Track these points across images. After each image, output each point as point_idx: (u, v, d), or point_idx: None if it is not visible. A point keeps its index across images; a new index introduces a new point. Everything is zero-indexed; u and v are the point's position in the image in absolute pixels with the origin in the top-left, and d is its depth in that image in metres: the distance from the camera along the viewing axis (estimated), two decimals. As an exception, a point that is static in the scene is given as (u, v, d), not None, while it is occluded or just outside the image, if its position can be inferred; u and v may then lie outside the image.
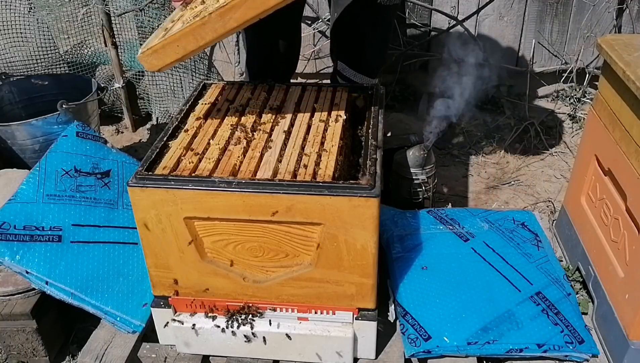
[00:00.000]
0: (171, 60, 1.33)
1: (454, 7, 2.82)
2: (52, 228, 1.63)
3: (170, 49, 1.31)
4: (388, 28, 1.96)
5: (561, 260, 1.90)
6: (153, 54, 1.33)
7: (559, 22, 2.86)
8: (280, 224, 1.35)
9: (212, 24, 1.25)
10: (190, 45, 1.29)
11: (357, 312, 1.47)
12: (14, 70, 2.56)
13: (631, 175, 1.48)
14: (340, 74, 2.02)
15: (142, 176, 1.34)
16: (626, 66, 1.46)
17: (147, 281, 1.52)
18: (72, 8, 2.69)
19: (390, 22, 1.97)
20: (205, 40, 1.28)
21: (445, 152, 2.69)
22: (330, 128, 1.53)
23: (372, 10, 1.84)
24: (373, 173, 1.33)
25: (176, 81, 2.82)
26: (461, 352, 1.52)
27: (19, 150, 2.12)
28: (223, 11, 1.23)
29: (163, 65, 1.35)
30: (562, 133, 2.81)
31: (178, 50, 1.30)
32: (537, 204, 2.33)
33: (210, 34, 1.27)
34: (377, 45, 1.96)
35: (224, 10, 1.23)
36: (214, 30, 1.26)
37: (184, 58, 1.33)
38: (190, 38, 1.28)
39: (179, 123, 1.57)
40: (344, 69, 2.00)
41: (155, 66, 1.36)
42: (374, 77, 2.02)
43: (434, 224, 1.87)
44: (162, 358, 1.59)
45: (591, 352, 1.53)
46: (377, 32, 1.91)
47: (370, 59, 1.98)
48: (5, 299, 1.64)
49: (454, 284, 1.65)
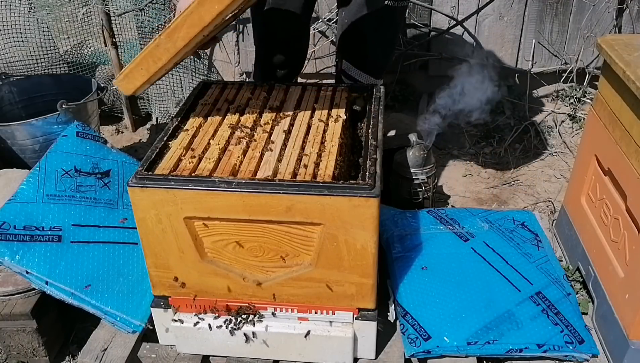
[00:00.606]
0: (140, 82, 1.40)
1: (454, 7, 2.82)
2: (52, 228, 1.63)
3: (136, 72, 1.39)
4: (395, 29, 1.96)
5: (561, 260, 1.90)
6: (124, 79, 1.42)
7: (559, 22, 2.86)
8: (280, 224, 1.35)
9: (163, 45, 1.33)
10: (151, 67, 1.37)
11: (357, 312, 1.47)
12: (14, 70, 2.56)
13: (631, 175, 1.48)
14: (345, 73, 2.02)
15: (142, 176, 1.34)
16: (626, 66, 1.46)
17: (147, 281, 1.52)
18: (72, 8, 2.69)
19: (398, 23, 1.96)
20: (162, 61, 1.35)
21: (445, 152, 2.69)
22: (330, 128, 1.53)
23: (379, 11, 1.84)
24: (373, 173, 1.33)
25: (176, 81, 2.82)
26: (461, 352, 1.52)
27: (19, 150, 2.12)
28: (169, 32, 1.32)
29: (135, 88, 1.42)
30: (562, 133, 2.81)
31: (143, 72, 1.38)
32: (537, 204, 2.33)
33: (164, 54, 1.34)
34: (383, 46, 1.95)
35: (170, 31, 1.31)
36: (166, 51, 1.33)
37: (152, 79, 1.41)
38: (150, 60, 1.36)
39: (179, 123, 1.57)
40: (348, 68, 2.00)
41: (129, 90, 1.43)
42: (379, 77, 2.02)
43: (434, 224, 1.87)
44: (162, 358, 1.59)
45: (591, 352, 1.53)
46: (384, 33, 1.91)
47: (376, 60, 1.98)
48: (5, 299, 1.64)
49: (454, 284, 1.65)
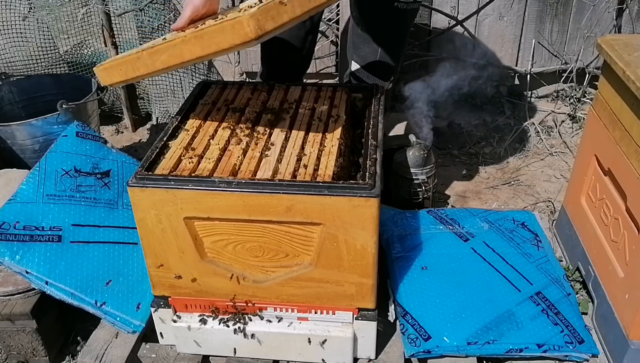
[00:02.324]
0: (117, 80, 1.43)
1: (454, 7, 2.82)
2: (52, 228, 1.63)
3: (116, 70, 1.42)
4: (404, 32, 1.94)
5: (561, 260, 1.90)
6: (104, 71, 1.45)
7: (559, 22, 2.86)
8: (280, 224, 1.35)
9: (143, 60, 1.36)
10: (129, 72, 1.39)
11: (357, 312, 1.47)
12: (14, 70, 2.56)
13: (631, 175, 1.48)
14: (354, 75, 2.02)
15: (142, 176, 1.34)
16: (626, 66, 1.46)
17: (147, 281, 1.52)
18: (72, 8, 2.69)
19: (407, 25, 1.94)
20: (140, 72, 1.38)
21: (445, 152, 2.69)
22: (330, 128, 1.53)
23: (389, 12, 1.83)
24: (373, 173, 1.33)
25: (176, 81, 2.82)
26: (461, 352, 1.52)
27: (19, 150, 2.12)
28: (152, 52, 1.33)
29: (110, 82, 1.45)
30: (562, 133, 2.81)
31: (121, 73, 1.41)
32: (537, 204, 2.33)
33: (142, 68, 1.37)
34: (393, 48, 1.93)
35: (152, 51, 1.33)
36: (145, 66, 1.36)
37: (130, 81, 1.45)
38: (129, 66, 1.39)
39: (179, 123, 1.57)
40: (358, 70, 1.99)
41: (105, 81, 1.46)
42: (388, 80, 2.00)
43: (434, 224, 1.87)
44: (162, 358, 1.59)
45: (591, 351, 1.53)
46: (393, 35, 1.90)
47: (385, 62, 1.96)
48: (5, 299, 1.64)
49: (454, 284, 1.65)
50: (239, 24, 1.19)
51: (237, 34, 1.21)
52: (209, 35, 1.24)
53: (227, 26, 1.21)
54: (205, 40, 1.24)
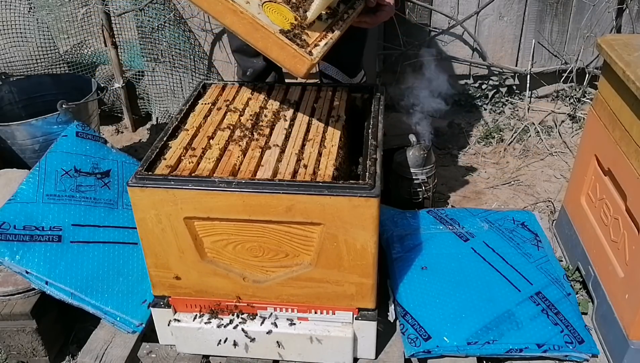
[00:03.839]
0: None
1: (453, 7, 2.82)
2: (52, 228, 1.63)
3: None
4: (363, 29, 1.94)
5: (561, 260, 1.90)
6: None
7: (559, 22, 2.85)
8: (280, 224, 1.35)
9: None
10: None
11: (357, 312, 1.47)
12: (14, 70, 2.56)
13: (631, 175, 1.48)
14: (323, 73, 2.07)
15: (142, 176, 1.34)
16: (626, 66, 1.46)
17: (147, 281, 1.52)
18: (72, 8, 2.69)
19: None
20: None
21: (445, 152, 2.69)
22: (330, 128, 1.53)
23: None
24: (373, 173, 1.33)
25: (176, 81, 2.82)
26: (461, 351, 1.52)
27: (19, 150, 2.12)
28: None
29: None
30: (562, 133, 2.81)
31: None
32: (537, 204, 2.33)
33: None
34: (353, 44, 1.96)
35: None
36: None
37: None
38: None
39: (179, 123, 1.57)
40: (326, 68, 2.03)
41: None
42: (355, 75, 2.05)
43: (434, 224, 1.87)
44: (162, 358, 1.59)
45: (591, 351, 1.53)
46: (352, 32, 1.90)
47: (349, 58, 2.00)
48: (5, 299, 1.64)
49: (454, 284, 1.65)
50: (301, 62, 1.26)
51: (290, 62, 1.27)
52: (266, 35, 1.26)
53: (289, 50, 1.26)
54: (258, 32, 1.27)
